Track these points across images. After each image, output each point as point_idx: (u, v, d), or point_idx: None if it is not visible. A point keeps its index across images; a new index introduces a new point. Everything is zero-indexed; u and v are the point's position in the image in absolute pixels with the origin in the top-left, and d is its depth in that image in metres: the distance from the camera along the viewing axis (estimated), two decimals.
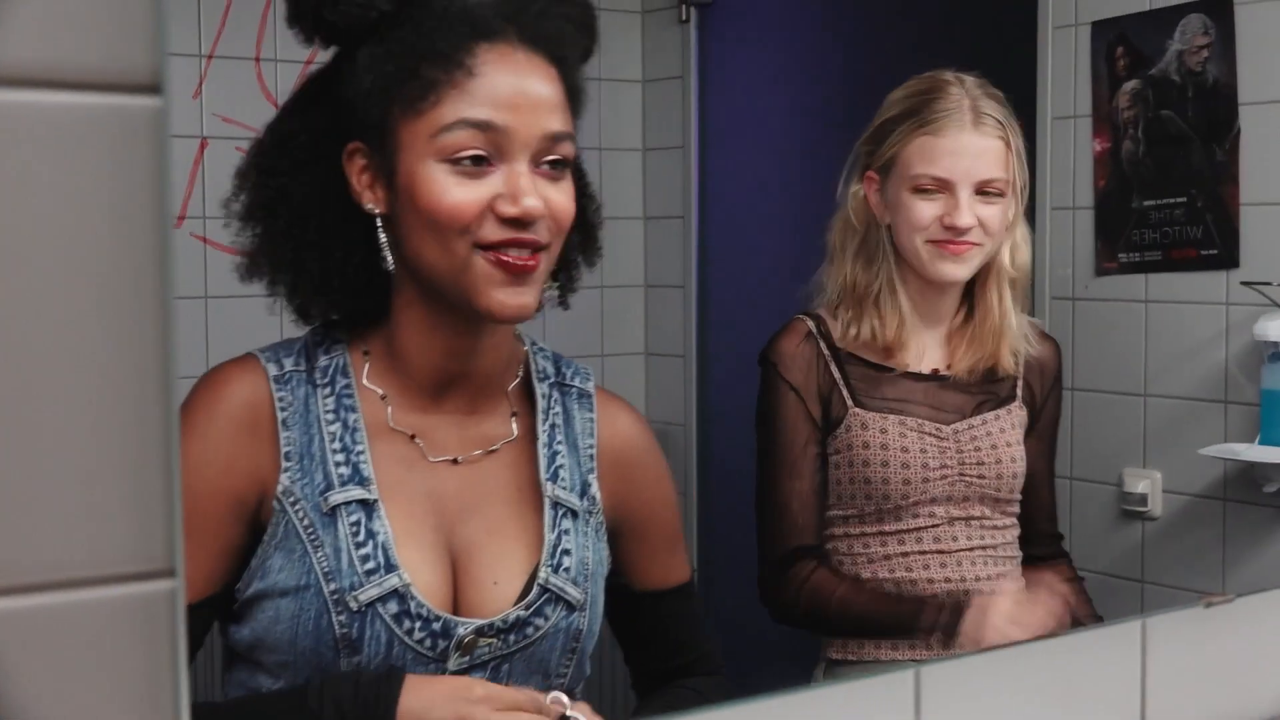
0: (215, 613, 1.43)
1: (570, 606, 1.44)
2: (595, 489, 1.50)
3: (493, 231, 1.34)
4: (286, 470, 1.39)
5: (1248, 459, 2.21)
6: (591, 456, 1.51)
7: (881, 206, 2.00)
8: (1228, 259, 2.27)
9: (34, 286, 0.68)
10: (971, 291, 2.02)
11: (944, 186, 1.94)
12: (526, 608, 1.42)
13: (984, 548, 1.98)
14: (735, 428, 3.41)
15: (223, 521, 1.39)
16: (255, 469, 1.39)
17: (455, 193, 1.34)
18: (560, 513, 1.46)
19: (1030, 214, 2.10)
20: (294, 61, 1.47)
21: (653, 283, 3.47)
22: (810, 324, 2.03)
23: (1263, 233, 2.23)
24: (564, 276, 1.51)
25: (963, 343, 2.01)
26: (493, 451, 1.47)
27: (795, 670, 2.15)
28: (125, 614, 0.72)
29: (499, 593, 1.42)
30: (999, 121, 1.95)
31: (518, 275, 1.35)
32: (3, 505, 0.69)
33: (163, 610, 0.73)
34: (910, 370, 2.01)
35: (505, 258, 1.34)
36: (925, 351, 2.02)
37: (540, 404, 1.50)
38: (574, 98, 1.42)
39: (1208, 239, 2.29)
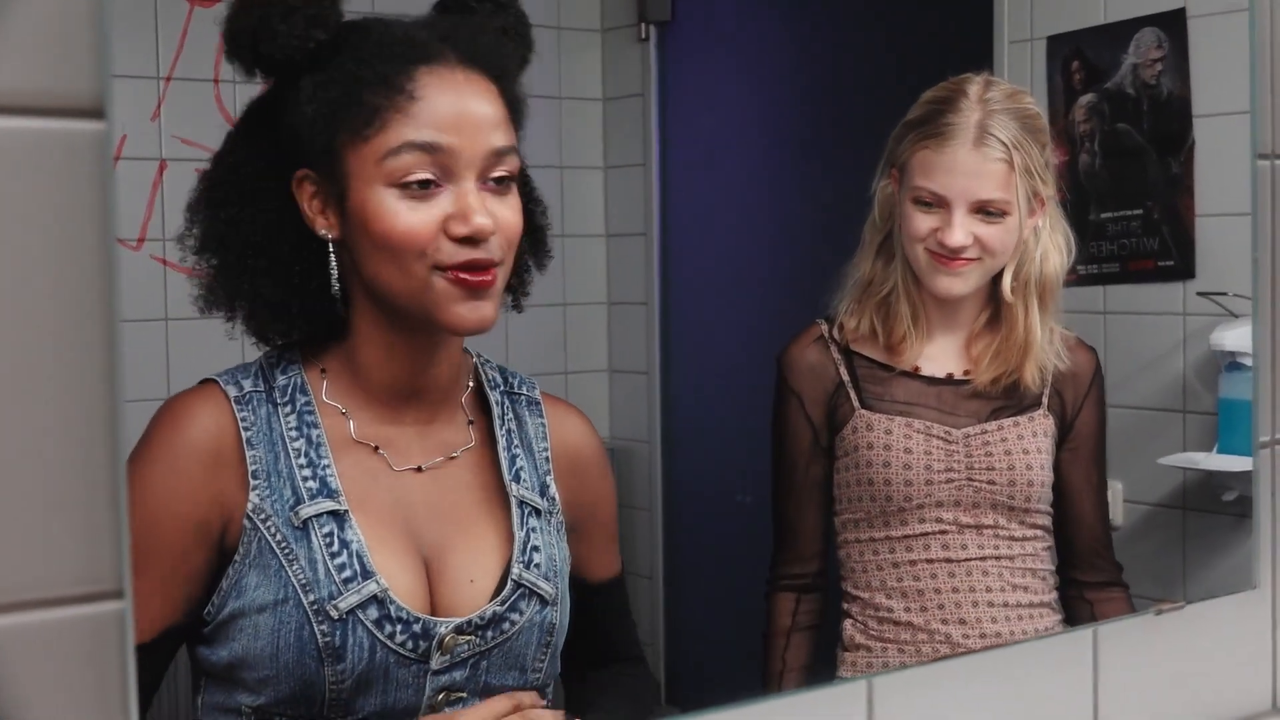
0: (182, 638, 1.44)
1: (543, 601, 1.48)
2: (554, 489, 1.55)
3: (448, 253, 1.37)
4: (255, 488, 1.41)
5: (1206, 468, 2.21)
6: (547, 459, 1.55)
7: (896, 206, 2.00)
8: (1184, 270, 2.28)
9: None
10: (997, 298, 2.00)
11: (940, 202, 1.93)
12: (502, 603, 1.45)
13: (998, 558, 1.96)
14: (699, 444, 3.42)
15: (187, 550, 1.40)
16: (219, 494, 1.41)
17: (406, 217, 1.36)
18: (526, 511, 1.50)
19: None
20: (253, 83, 1.47)
21: (615, 300, 3.47)
22: (824, 328, 2.03)
23: (1218, 243, 2.24)
24: (515, 281, 1.53)
25: (986, 354, 2.00)
26: (454, 458, 1.50)
27: (755, 687, 2.15)
28: (74, 635, 0.72)
29: (475, 590, 1.46)
30: (1004, 143, 1.92)
31: (475, 291, 1.39)
32: None
33: (112, 631, 0.73)
34: (923, 373, 1.99)
35: (462, 275, 1.37)
36: (941, 355, 2.01)
37: (495, 410, 1.54)
38: (515, 111, 1.46)
39: (1164, 250, 2.30)
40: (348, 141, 1.38)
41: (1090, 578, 2.07)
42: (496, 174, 1.41)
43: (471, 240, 1.38)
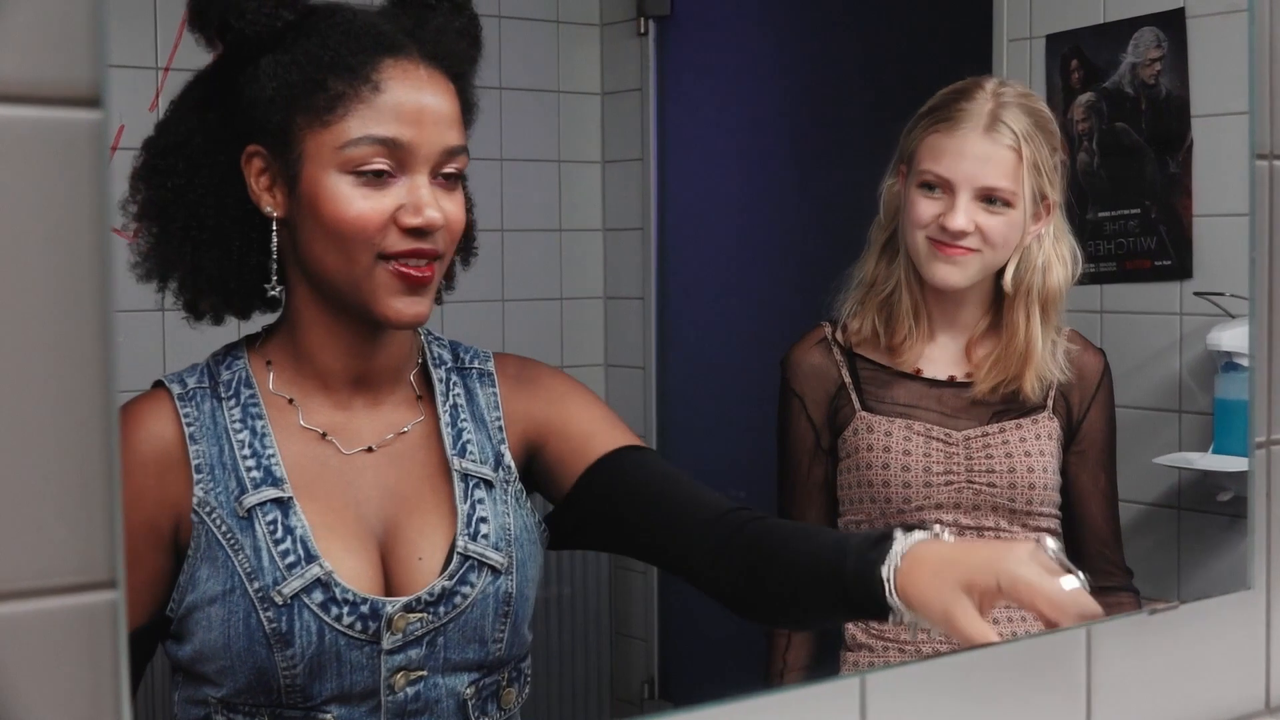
0: (152, 640, 1.45)
1: (495, 571, 1.47)
2: (509, 459, 1.54)
3: (395, 242, 1.38)
4: (199, 482, 1.42)
5: (1201, 468, 2.21)
6: (500, 429, 1.55)
7: (901, 200, 1.99)
8: (1181, 270, 2.28)
9: None
10: (1001, 305, 2.00)
11: (946, 186, 1.92)
12: (450, 577, 1.45)
13: None
14: (694, 440, 3.42)
15: (141, 554, 1.41)
16: (166, 496, 1.42)
17: (359, 204, 1.37)
18: (472, 483, 1.50)
19: None
20: None
21: (612, 294, 3.47)
22: (828, 329, 2.03)
23: (1215, 243, 2.24)
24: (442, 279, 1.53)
25: (986, 361, 1.99)
26: (404, 433, 1.51)
27: (747, 683, 2.15)
28: (67, 625, 0.72)
29: (424, 568, 1.46)
30: (1015, 131, 1.92)
31: (415, 285, 1.40)
32: None
33: (104, 621, 0.73)
34: (925, 375, 1.99)
35: (404, 268, 1.39)
36: (942, 357, 2.00)
37: (438, 388, 1.54)
38: (468, 111, 1.47)
39: (1161, 250, 2.30)
40: (306, 124, 1.39)
41: (1098, 582, 2.02)
42: (448, 170, 1.42)
43: (420, 232, 1.39)
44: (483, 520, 1.49)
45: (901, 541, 1.35)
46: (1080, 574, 1.30)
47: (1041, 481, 1.96)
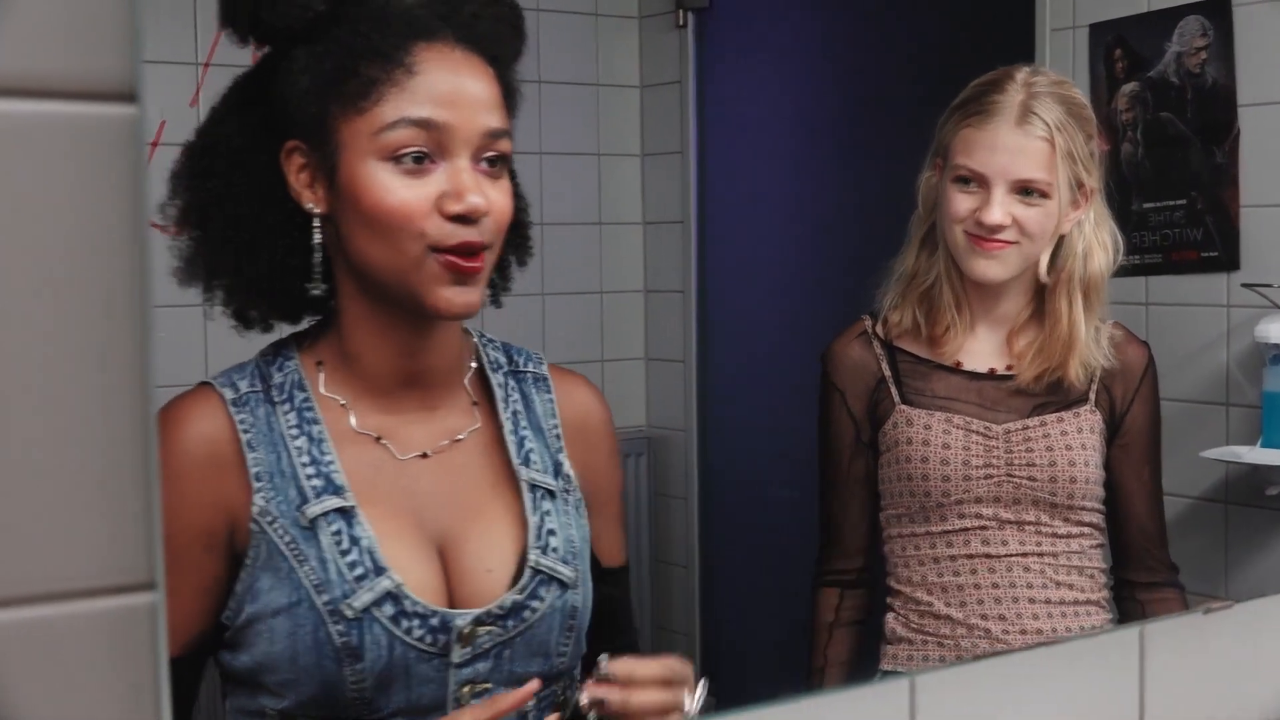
0: (211, 648, 1.43)
1: (563, 585, 1.45)
2: (568, 467, 1.51)
3: (443, 232, 1.35)
4: (259, 491, 1.38)
5: (1249, 462, 2.20)
6: (558, 436, 1.52)
7: (938, 193, 1.97)
8: (1228, 261, 2.26)
9: (7, 298, 0.68)
10: (1042, 294, 1.97)
11: (980, 180, 1.90)
12: (521, 591, 1.42)
13: (1040, 554, 1.93)
14: (735, 433, 3.42)
15: (196, 558, 1.38)
16: (220, 499, 1.39)
17: (400, 192, 1.34)
18: (539, 494, 1.47)
19: None
20: None
21: (652, 288, 3.47)
22: (868, 323, 2.01)
23: (1263, 234, 2.22)
24: (496, 275, 1.51)
25: (1030, 350, 1.96)
26: (460, 440, 1.47)
27: (788, 679, 2.15)
28: (105, 627, 0.71)
29: (493, 580, 1.43)
30: (1047, 122, 1.90)
31: (464, 275, 1.36)
32: None
33: (143, 623, 0.72)
34: (965, 368, 1.98)
35: (453, 258, 1.35)
36: (983, 350, 1.99)
37: (498, 393, 1.51)
38: (510, 97, 1.43)
39: (1208, 241, 2.29)
40: (341, 113, 1.36)
41: (1142, 578, 2.02)
42: (490, 154, 1.39)
43: (464, 219, 1.35)
44: (551, 533, 1.46)
45: None
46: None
47: (1083, 475, 1.94)
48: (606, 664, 1.35)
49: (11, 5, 0.66)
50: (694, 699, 1.36)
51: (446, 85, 1.36)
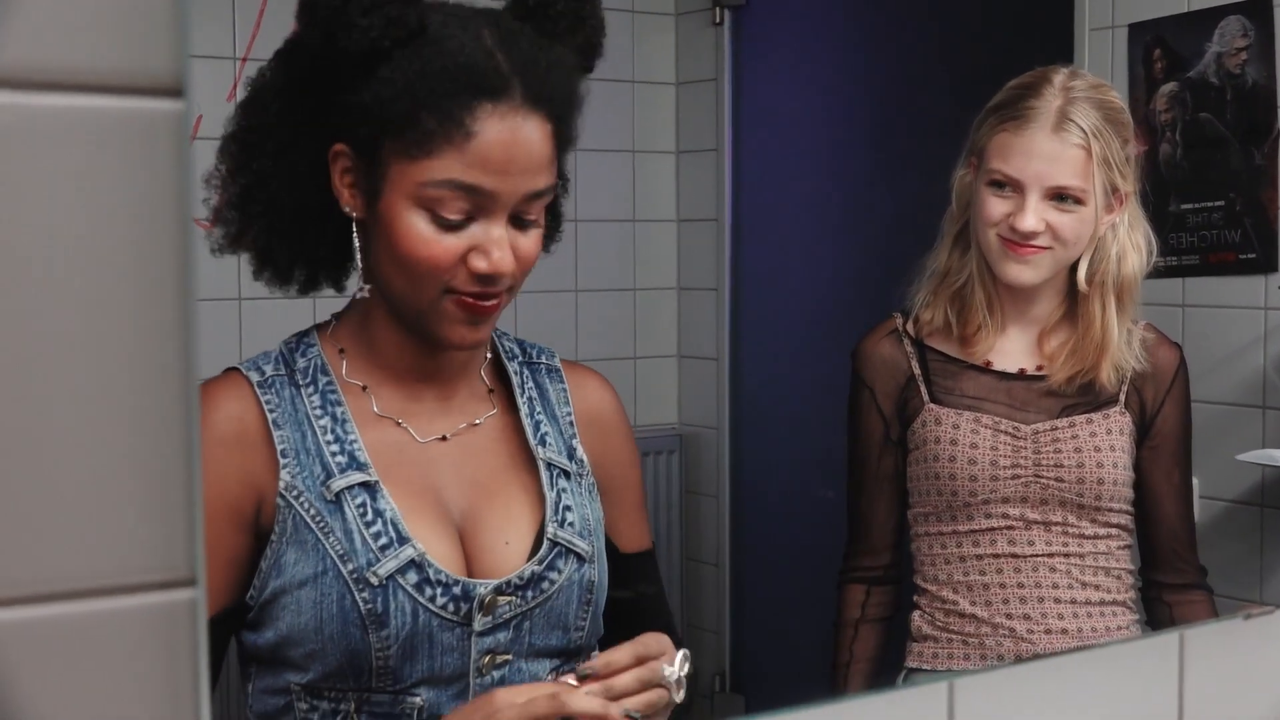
0: (232, 625, 1.46)
1: (580, 558, 1.50)
2: (581, 452, 1.56)
3: (463, 282, 1.38)
4: (285, 467, 1.42)
5: None
6: (571, 424, 1.57)
7: (973, 193, 1.97)
8: (1266, 263, 2.25)
9: (54, 291, 0.68)
10: (1074, 293, 1.96)
11: (1015, 185, 1.90)
12: (540, 562, 1.46)
13: (1067, 555, 1.93)
14: (767, 430, 3.41)
15: (223, 534, 1.41)
16: (248, 476, 1.43)
17: (430, 245, 1.37)
18: (555, 473, 1.52)
19: None
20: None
21: (685, 285, 3.47)
22: (899, 321, 2.01)
23: None
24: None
25: (1062, 351, 1.95)
26: (477, 424, 1.52)
27: (819, 678, 2.15)
28: (146, 623, 0.71)
29: (511, 552, 1.47)
30: (1083, 129, 1.88)
31: (478, 315, 1.41)
32: (22, 514, 0.68)
33: (184, 619, 0.72)
34: (995, 368, 1.97)
35: (469, 300, 1.39)
36: (1014, 350, 1.98)
37: (514, 380, 1.56)
38: (562, 149, 1.45)
39: (1246, 243, 2.27)
40: (393, 151, 1.37)
41: (1171, 579, 2.02)
42: (528, 216, 1.42)
43: (488, 276, 1.39)
44: (568, 509, 1.51)
45: None
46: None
47: (1111, 477, 1.93)
48: (583, 664, 1.38)
49: (63, 1, 0.67)
50: (674, 668, 1.36)
51: (501, 153, 1.37)
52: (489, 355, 1.57)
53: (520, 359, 1.59)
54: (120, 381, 0.69)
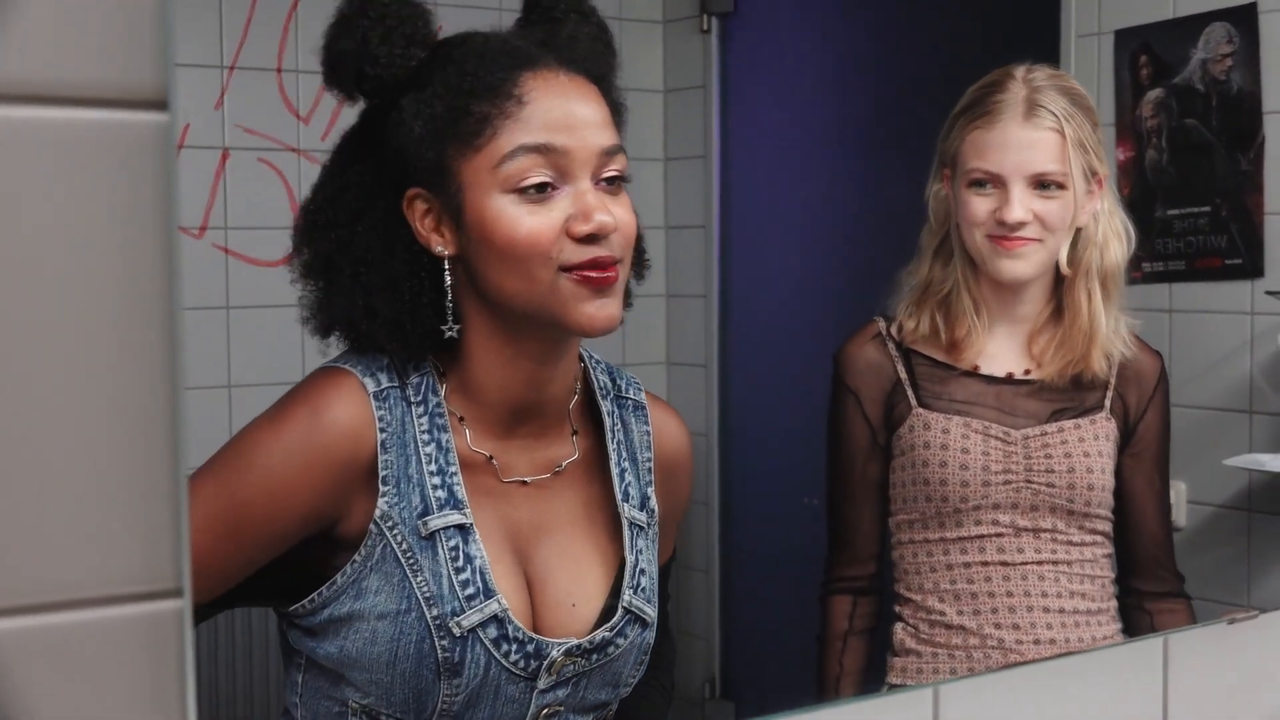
0: (227, 604, 1.44)
1: (644, 624, 1.49)
2: (653, 501, 1.54)
3: (572, 253, 1.36)
4: (385, 495, 1.39)
5: (1273, 470, 2.19)
6: (649, 470, 1.55)
7: (951, 203, 1.97)
8: (1252, 268, 2.25)
9: (40, 303, 0.68)
10: (1060, 291, 1.97)
11: (996, 181, 1.90)
12: (611, 629, 1.46)
13: (1055, 563, 1.93)
14: (756, 438, 3.41)
15: (289, 533, 1.40)
16: (342, 494, 1.40)
17: (528, 222, 1.35)
18: (635, 533, 1.49)
19: None
20: (315, 73, 1.47)
21: (674, 292, 3.46)
22: (882, 325, 2.01)
23: None
24: None
25: (1050, 345, 1.96)
26: (558, 472, 1.49)
27: (807, 685, 2.15)
28: (133, 633, 0.71)
29: (578, 614, 1.46)
30: (1054, 114, 1.89)
31: (601, 289, 1.37)
32: (9, 525, 0.68)
33: (170, 630, 0.72)
34: (982, 372, 1.97)
35: (588, 274, 1.36)
36: (1001, 354, 1.98)
37: (607, 422, 1.53)
38: (617, 112, 1.45)
39: (1232, 248, 2.28)
40: (459, 154, 1.37)
41: (1150, 587, 2.03)
42: (609, 173, 1.40)
43: (593, 238, 1.36)
44: (642, 571, 1.49)
45: None
46: None
47: (1100, 483, 1.94)
48: None
49: (46, 14, 0.67)
50: None
51: (558, 110, 1.37)
52: (578, 392, 1.53)
53: (612, 394, 1.55)
54: (106, 393, 0.70)
